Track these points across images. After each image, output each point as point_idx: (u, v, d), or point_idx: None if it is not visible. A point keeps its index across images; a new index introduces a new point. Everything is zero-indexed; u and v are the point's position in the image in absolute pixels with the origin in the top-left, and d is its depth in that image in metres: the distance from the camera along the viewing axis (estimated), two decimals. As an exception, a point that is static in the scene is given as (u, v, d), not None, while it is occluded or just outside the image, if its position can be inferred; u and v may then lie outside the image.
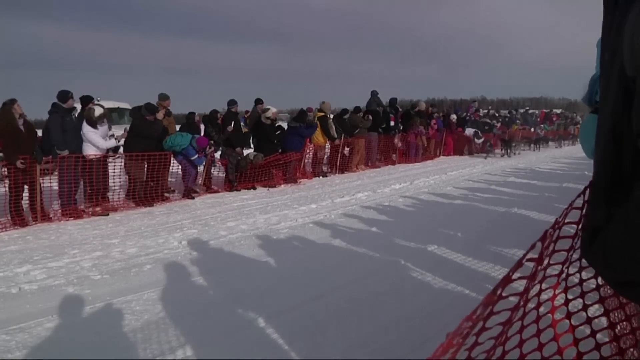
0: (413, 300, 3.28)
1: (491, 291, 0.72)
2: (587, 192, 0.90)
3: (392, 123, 12.27)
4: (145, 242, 4.97)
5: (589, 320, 0.96)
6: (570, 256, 0.93)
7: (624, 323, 1.00)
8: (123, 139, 7.15)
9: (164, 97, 8.31)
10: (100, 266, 4.23)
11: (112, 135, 6.85)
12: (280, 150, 9.13)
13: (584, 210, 0.90)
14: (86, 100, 6.92)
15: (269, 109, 9.06)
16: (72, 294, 3.57)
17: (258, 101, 10.33)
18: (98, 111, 6.55)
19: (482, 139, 14.52)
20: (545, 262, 0.87)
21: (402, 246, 4.67)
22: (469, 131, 14.70)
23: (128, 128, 7.37)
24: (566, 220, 0.92)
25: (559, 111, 27.38)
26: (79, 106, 6.92)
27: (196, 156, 7.52)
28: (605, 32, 0.79)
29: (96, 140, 6.47)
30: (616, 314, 1.00)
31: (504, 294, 0.76)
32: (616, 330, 0.99)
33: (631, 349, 0.97)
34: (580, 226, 0.89)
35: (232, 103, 9.06)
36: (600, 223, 0.72)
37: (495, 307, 0.74)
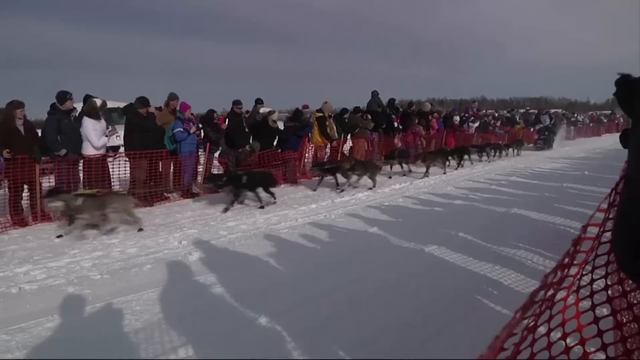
0: (413, 300, 3.27)
1: (528, 298, 0.70)
2: (613, 194, 0.87)
3: (395, 124, 12.21)
4: (145, 242, 4.95)
5: (596, 320, 0.96)
6: (588, 258, 0.92)
7: (632, 324, 0.99)
8: (121, 137, 7.13)
9: (172, 97, 8.31)
10: (100, 266, 4.22)
11: (116, 135, 6.83)
12: (279, 150, 9.12)
13: (609, 214, 0.85)
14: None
15: (274, 111, 9.06)
16: (72, 293, 3.57)
17: (258, 101, 10.31)
18: (98, 102, 6.58)
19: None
20: (565, 261, 0.85)
21: (402, 246, 4.67)
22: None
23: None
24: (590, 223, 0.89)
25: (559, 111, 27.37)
26: (79, 106, 6.89)
27: (179, 129, 7.44)
28: None
29: (91, 135, 6.40)
30: (623, 315, 0.99)
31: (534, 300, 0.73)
32: (624, 330, 0.99)
33: (637, 351, 0.97)
34: (602, 229, 0.86)
35: (236, 103, 9.06)
36: None
37: (518, 313, 0.71)
